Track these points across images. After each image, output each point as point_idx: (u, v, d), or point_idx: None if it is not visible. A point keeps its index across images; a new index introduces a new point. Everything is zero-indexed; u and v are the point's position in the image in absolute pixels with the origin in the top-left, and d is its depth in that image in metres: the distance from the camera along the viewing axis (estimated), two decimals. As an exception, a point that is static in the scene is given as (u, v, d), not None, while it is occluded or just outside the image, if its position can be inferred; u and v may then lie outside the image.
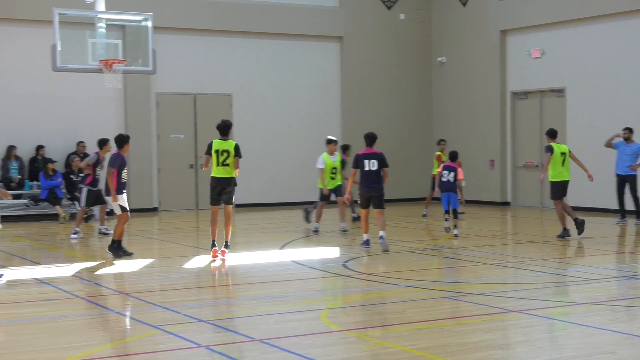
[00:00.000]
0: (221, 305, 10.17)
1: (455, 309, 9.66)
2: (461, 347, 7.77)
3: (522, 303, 9.95)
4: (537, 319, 9.06)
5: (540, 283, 11.53)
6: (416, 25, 26.23)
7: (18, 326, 8.93)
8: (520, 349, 7.85)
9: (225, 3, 23.49)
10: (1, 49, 21.08)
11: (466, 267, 13.00)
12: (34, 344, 8.12)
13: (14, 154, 21.00)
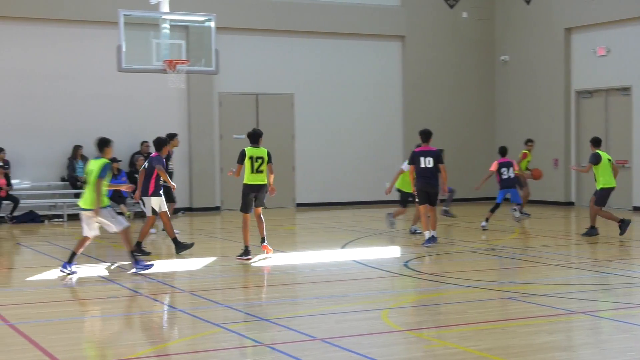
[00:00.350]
0: (282, 304, 10.20)
1: (518, 309, 9.55)
2: (524, 348, 7.68)
3: (586, 304, 9.80)
4: (602, 321, 8.92)
5: (605, 284, 11.36)
6: (479, 24, 26.02)
7: (83, 323, 9.07)
8: (585, 352, 7.74)
9: (287, 3, 23.57)
10: (67, 51, 21.44)
11: (529, 268, 12.85)
12: (99, 340, 8.24)
13: (79, 154, 21.34)
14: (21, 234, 18.17)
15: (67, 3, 21.23)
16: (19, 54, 21.10)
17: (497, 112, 26.28)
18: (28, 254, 15.18)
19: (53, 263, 13.46)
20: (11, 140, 20.78)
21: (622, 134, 22.54)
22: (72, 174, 21.22)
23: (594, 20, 23.00)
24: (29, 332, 8.42)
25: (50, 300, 10.42)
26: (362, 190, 24.53)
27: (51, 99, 21.38)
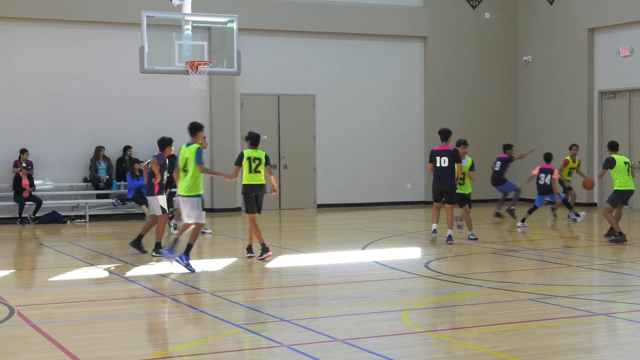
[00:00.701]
0: (303, 305, 10.22)
1: (539, 311, 9.51)
2: (545, 350, 7.66)
3: (608, 306, 9.76)
4: (625, 323, 8.87)
5: (627, 286, 11.29)
6: (501, 24, 25.94)
7: (105, 323, 9.11)
8: (607, 353, 7.70)
9: (308, 4, 23.60)
10: (90, 52, 21.57)
11: (551, 269, 12.80)
12: (120, 340, 8.28)
13: (102, 155, 21.46)
14: (44, 234, 18.29)
15: (90, 5, 21.34)
16: (42, 55, 21.24)
17: (519, 113, 26.18)
18: (50, 255, 15.27)
19: (75, 263, 13.56)
20: (34, 141, 20.93)
21: (645, 134, 22.43)
22: (94, 175, 21.32)
23: (617, 21, 22.89)
24: (51, 332, 8.48)
25: (72, 300, 10.48)
26: (383, 191, 24.52)
27: (74, 100, 21.50)
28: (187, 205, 12.48)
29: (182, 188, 12.49)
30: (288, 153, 23.70)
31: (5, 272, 12.76)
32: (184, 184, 12.44)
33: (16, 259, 14.78)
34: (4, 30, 20.90)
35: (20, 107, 21.07)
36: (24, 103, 21.10)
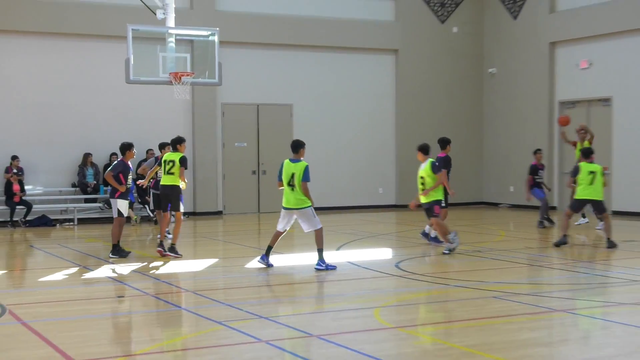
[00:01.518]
0: (281, 303, 10.26)
1: (502, 308, 9.61)
2: (508, 344, 7.75)
3: (567, 303, 9.88)
4: (582, 318, 8.99)
5: (584, 284, 11.42)
6: (468, 38, 26.10)
7: (92, 321, 9.10)
8: (565, 347, 7.81)
9: (287, 18, 23.64)
10: (78, 63, 21.49)
11: (513, 269, 12.90)
12: (107, 337, 8.28)
13: (89, 161, 21.39)
14: (34, 237, 18.21)
15: (78, 18, 21.27)
16: (32, 67, 21.15)
17: (484, 122, 26.34)
18: (40, 256, 15.22)
19: (64, 264, 13.53)
20: (25, 148, 20.83)
21: (603, 142, 22.58)
22: (82, 180, 21.25)
23: (576, 35, 23.10)
24: (42, 329, 8.47)
25: (61, 299, 10.47)
26: (356, 195, 24.60)
27: (63, 109, 21.42)
28: (301, 216, 12.53)
29: (290, 202, 12.46)
30: (267, 159, 23.70)
31: (-3, 273, 12.72)
32: (292, 198, 12.42)
33: (7, 260, 14.70)
34: (-4, 42, 20.82)
35: (11, 115, 20.96)
36: (15, 112, 20.99)
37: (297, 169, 12.37)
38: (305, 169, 12.34)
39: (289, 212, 12.54)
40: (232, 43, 22.09)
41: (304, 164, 12.42)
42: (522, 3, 24.80)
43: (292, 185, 12.36)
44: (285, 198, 12.53)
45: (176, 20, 16.73)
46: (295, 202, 12.42)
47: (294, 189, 12.35)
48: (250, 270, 12.95)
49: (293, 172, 12.38)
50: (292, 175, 12.37)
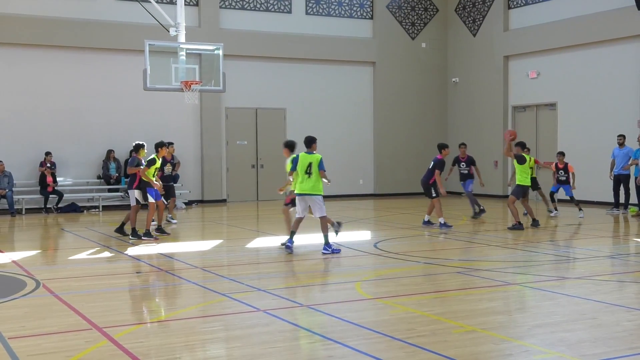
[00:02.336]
0: (276, 278, 10.20)
1: (464, 282, 9.59)
2: (469, 313, 7.72)
3: (520, 277, 9.86)
4: (532, 291, 8.96)
5: (535, 261, 11.41)
6: (434, 52, 26.07)
7: (114, 293, 9.05)
8: (519, 315, 7.78)
9: (280, 35, 23.53)
10: (102, 73, 21.35)
11: (474, 248, 12.91)
12: (128, 307, 8.22)
13: (112, 156, 21.26)
14: (65, 221, 18.10)
15: (103, 35, 21.12)
16: (65, 76, 20.99)
17: (449, 124, 26.31)
18: (70, 238, 15.12)
19: (91, 245, 13.44)
20: (57, 145, 20.70)
21: (549, 141, 22.67)
22: (106, 173, 21.13)
23: (527, 50, 23.11)
24: (71, 301, 8.39)
25: (88, 274, 10.39)
26: (341, 185, 24.48)
27: (89, 112, 21.29)
28: (312, 202, 12.23)
29: (305, 188, 12.15)
30: (264, 155, 23.62)
31: (33, 252, 12.62)
32: (307, 185, 12.13)
33: (42, 241, 14.60)
34: (35, 55, 20.61)
35: (46, 117, 20.80)
36: (49, 114, 20.84)
37: (314, 159, 12.16)
38: (321, 159, 12.25)
39: (303, 197, 12.28)
40: (234, 56, 21.95)
41: (319, 155, 12.26)
42: (480, 22, 24.78)
43: (309, 174, 12.13)
44: (299, 185, 12.23)
45: (186, 37, 16.68)
46: (310, 188, 12.16)
47: (311, 176, 12.13)
48: (250, 249, 12.91)
49: (310, 161, 12.16)
50: (309, 164, 12.15)
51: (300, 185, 12.24)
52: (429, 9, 26.01)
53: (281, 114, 23.98)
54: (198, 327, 7.29)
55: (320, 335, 6.85)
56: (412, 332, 6.91)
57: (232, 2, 23.13)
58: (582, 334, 6.87)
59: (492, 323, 7.33)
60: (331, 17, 24.59)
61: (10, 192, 19.25)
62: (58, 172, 20.45)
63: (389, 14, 25.37)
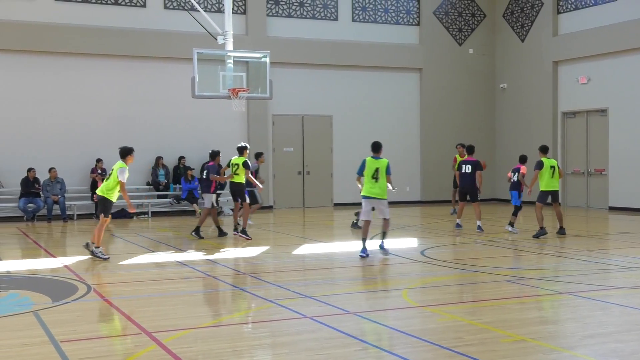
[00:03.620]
0: (323, 284, 10.20)
1: (513, 290, 9.45)
2: (519, 322, 7.60)
3: (570, 286, 9.67)
4: (584, 300, 8.78)
5: (586, 270, 11.18)
6: (482, 58, 25.84)
7: (163, 299, 9.13)
8: (570, 325, 7.63)
9: (327, 43, 23.58)
10: (152, 81, 21.67)
11: (523, 256, 12.72)
12: (176, 313, 8.29)
13: (161, 163, 21.54)
14: (115, 227, 18.37)
15: (153, 43, 21.45)
16: (116, 84, 21.36)
17: (496, 131, 26.05)
18: (120, 243, 15.34)
19: (140, 250, 13.61)
20: (108, 152, 21.00)
21: (600, 147, 22.26)
22: (155, 179, 21.40)
23: (577, 55, 22.75)
24: (121, 305, 8.51)
25: (137, 280, 10.53)
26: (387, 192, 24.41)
27: (139, 119, 21.61)
28: (380, 205, 12.62)
29: (374, 192, 12.45)
30: (310, 162, 23.69)
31: (84, 257, 12.82)
32: (377, 189, 12.44)
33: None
34: (87, 63, 21.04)
35: (97, 124, 21.19)
36: (100, 122, 21.22)
37: (381, 164, 12.44)
38: (388, 164, 12.57)
39: (370, 201, 12.53)
40: (281, 63, 22.08)
41: (386, 160, 12.57)
42: (529, 27, 24.48)
43: (376, 178, 12.37)
44: (367, 189, 12.50)
45: (234, 45, 16.81)
46: (378, 192, 12.44)
47: (378, 181, 12.38)
48: (296, 256, 12.93)
49: (377, 167, 12.41)
50: (376, 169, 12.39)
51: (369, 189, 12.48)
52: (476, 15, 25.81)
53: (327, 120, 24.01)
54: (245, 333, 7.32)
55: (367, 343, 6.81)
56: (460, 340, 6.83)
57: (279, 10, 23.29)
58: (636, 345, 6.70)
59: (541, 333, 7.20)
60: (377, 24, 24.57)
61: (62, 198, 19.63)
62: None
63: (436, 20, 25.25)
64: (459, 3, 25.59)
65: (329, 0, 23.95)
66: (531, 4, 24.39)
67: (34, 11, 20.49)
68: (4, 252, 13.52)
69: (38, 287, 9.88)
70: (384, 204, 12.59)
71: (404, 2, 24.98)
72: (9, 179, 20.07)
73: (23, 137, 20.43)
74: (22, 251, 14.03)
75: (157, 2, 21.81)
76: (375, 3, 24.58)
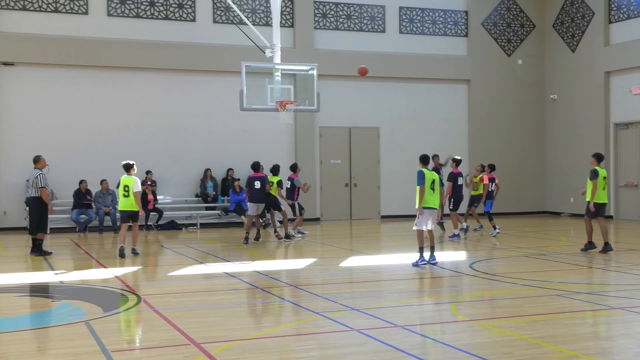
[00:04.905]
0: (370, 297, 10.16)
1: (565, 305, 9.28)
2: (571, 337, 7.46)
3: (623, 301, 9.45)
4: (637, 315, 8.58)
5: (638, 284, 10.92)
6: (531, 69, 25.53)
7: (212, 310, 9.20)
8: (623, 341, 7.45)
9: (374, 54, 23.57)
10: (200, 94, 21.93)
11: (574, 270, 12.48)
12: (224, 324, 8.34)
13: (209, 175, 21.74)
14: (164, 238, 18.60)
15: (202, 57, 21.73)
16: (163, 97, 21.67)
17: (546, 142, 25.68)
18: (169, 254, 15.52)
19: (189, 262, 13.74)
20: (158, 164, 21.34)
21: (654, 159, 21.79)
22: (203, 191, 21.61)
23: (629, 65, 22.32)
24: (170, 316, 8.59)
25: (186, 291, 10.62)
26: (435, 205, 24.28)
27: (188, 132, 21.88)
28: (434, 216, 12.92)
29: (435, 203, 12.75)
30: (357, 174, 23.67)
31: (134, 268, 13.01)
32: (435, 200, 12.75)
33: (142, 258, 15.02)
34: (137, 77, 21.40)
35: (146, 137, 21.51)
36: (150, 134, 21.54)
37: (437, 177, 12.87)
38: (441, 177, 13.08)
39: (433, 211, 12.80)
40: (328, 76, 22.16)
41: (436, 174, 12.97)
42: (580, 38, 24.12)
43: (433, 189, 12.69)
44: (431, 200, 12.71)
45: (282, 58, 16.93)
46: (438, 202, 12.87)
47: (434, 192, 12.72)
48: (344, 268, 12.90)
49: (434, 178, 12.76)
50: (433, 181, 12.71)
51: (432, 200, 12.71)
52: (525, 25, 25.54)
53: (375, 132, 23.98)
54: (292, 345, 7.32)
55: (415, 357, 6.75)
56: (510, 356, 6.73)
57: (326, 22, 23.39)
58: (693, 362, 6.52)
59: (594, 348, 7.05)
60: (425, 36, 24.48)
61: (113, 209, 19.94)
62: (158, 190, 21.05)
63: (484, 31, 25.06)
64: (507, 14, 25.37)
65: (377, 13, 23.97)
66: (582, 14, 24.04)
67: (87, 26, 20.95)
68: (57, 262, 13.79)
69: (90, 297, 10.05)
70: (436, 214, 13.00)
71: (452, 13, 24.87)
72: (62, 190, 20.48)
73: (76, 150, 20.85)
74: (74, 262, 14.29)
75: (206, 17, 22.11)
76: (423, 15, 24.51)
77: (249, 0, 22.49)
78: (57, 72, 20.76)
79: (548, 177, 25.55)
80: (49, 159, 16.06)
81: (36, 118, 20.58)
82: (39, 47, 20.43)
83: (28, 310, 9.47)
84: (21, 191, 20.11)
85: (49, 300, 10.08)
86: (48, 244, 16.07)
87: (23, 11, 20.51)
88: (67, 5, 20.81)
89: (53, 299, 10.11)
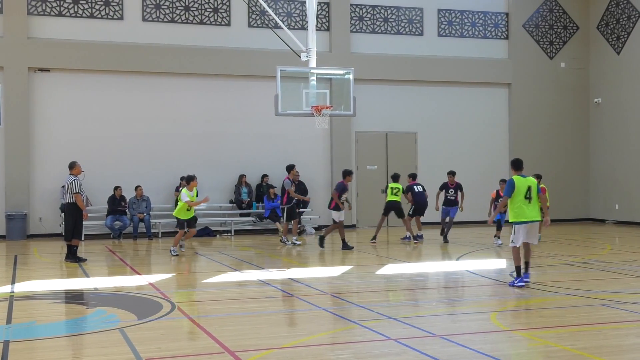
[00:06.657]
0: (407, 306, 10.11)
1: (610, 315, 9.13)
2: (615, 348, 7.34)
3: (671, 312, 9.28)
4: (686, 327, 8.41)
5: (689, 295, 10.72)
6: (575, 72, 25.25)
7: (246, 318, 9.23)
8: (670, 353, 7.32)
9: (410, 58, 23.53)
10: (235, 99, 22.10)
11: (619, 279, 12.28)
12: (258, 332, 8.37)
13: (244, 181, 21.87)
14: (199, 245, 18.73)
15: (237, 61, 21.91)
16: (199, 102, 21.89)
17: (591, 146, 25.36)
18: (204, 261, 15.62)
19: (223, 269, 13.82)
20: (191, 170, 21.38)
21: None
22: (238, 198, 21.74)
23: (677, 67, 21.98)
24: (204, 324, 8.65)
25: (220, 298, 10.68)
26: (473, 211, 24.06)
27: (222, 137, 22.05)
28: (535, 229, 11.54)
29: (534, 215, 11.24)
30: (394, 180, 23.60)
31: (168, 275, 13.13)
32: (534, 211, 11.25)
33: (176, 265, 15.16)
34: (171, 82, 21.66)
35: (181, 143, 21.73)
36: (184, 140, 21.76)
37: (532, 183, 11.24)
38: (537, 183, 11.44)
39: (532, 225, 11.34)
40: (365, 80, 22.15)
41: (533, 179, 11.40)
42: (625, 39, 23.79)
43: (529, 198, 11.14)
44: (528, 212, 11.19)
45: (317, 62, 16.96)
46: (537, 214, 11.28)
47: (531, 201, 11.17)
48: (380, 276, 12.87)
49: (529, 185, 11.20)
50: (528, 188, 11.16)
51: (528, 212, 11.19)
52: (568, 27, 25.27)
53: (412, 137, 23.90)
54: (328, 354, 7.32)
55: (454, 367, 6.71)
56: (552, 367, 6.65)
57: (363, 26, 23.41)
58: None
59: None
60: (464, 38, 24.37)
61: (148, 216, 20.17)
62: (192, 196, 21.21)
63: (526, 33, 24.85)
64: (550, 15, 25.13)
65: (415, 15, 23.92)
66: (627, 15, 23.71)
67: (122, 32, 21.26)
68: (91, 269, 13.98)
69: (124, 304, 10.16)
70: (537, 227, 11.54)
71: (492, 15, 24.71)
72: (97, 197, 20.77)
73: (110, 156, 21.15)
74: (108, 268, 14.48)
75: (241, 21, 22.28)
76: (462, 17, 24.40)
77: (284, 4, 22.61)
78: (92, 78, 21.09)
79: (592, 183, 25.21)
80: (84, 165, 16.30)
81: (71, 124, 20.92)
82: (75, 53, 20.77)
83: (63, 317, 9.61)
84: (56, 198, 20.45)
85: (83, 307, 10.22)
86: (83, 251, 16.30)
87: (59, 17, 20.89)
88: (102, 10, 21.14)
89: (87, 306, 10.25)
